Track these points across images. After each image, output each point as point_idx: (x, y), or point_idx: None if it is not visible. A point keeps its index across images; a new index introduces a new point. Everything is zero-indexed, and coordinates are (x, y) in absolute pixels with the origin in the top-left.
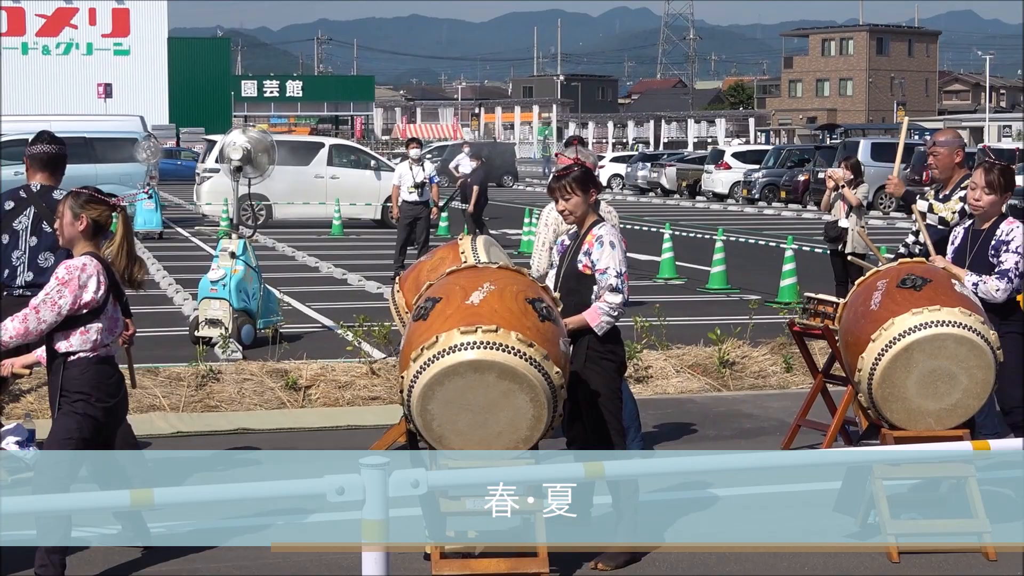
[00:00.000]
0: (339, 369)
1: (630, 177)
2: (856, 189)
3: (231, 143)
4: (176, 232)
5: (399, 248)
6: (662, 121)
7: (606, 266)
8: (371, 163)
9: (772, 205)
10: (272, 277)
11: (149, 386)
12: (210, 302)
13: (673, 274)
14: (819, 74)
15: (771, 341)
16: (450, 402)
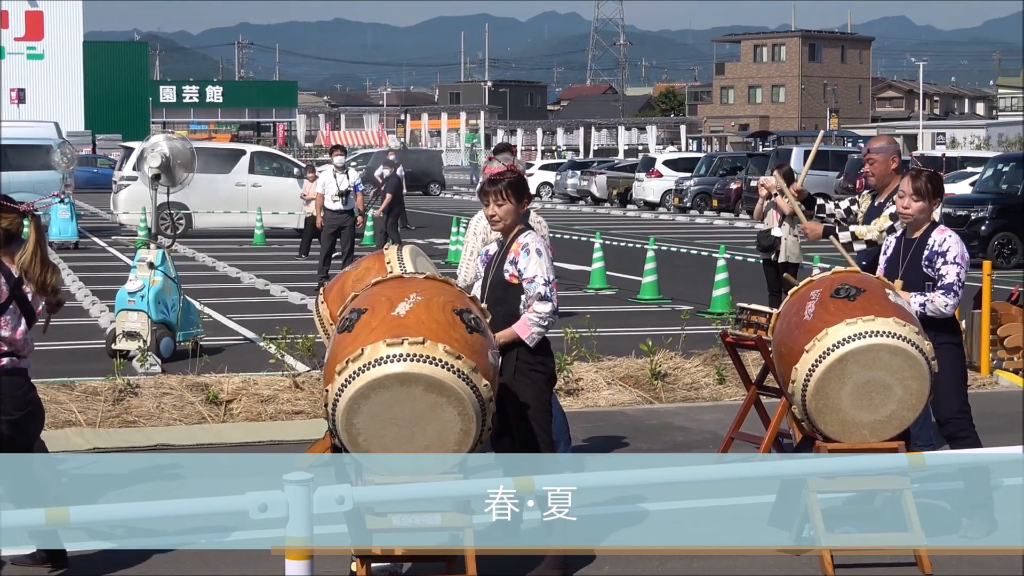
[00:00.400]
0: (261, 383)
1: (560, 185)
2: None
3: (149, 150)
4: (92, 242)
5: (323, 258)
6: (592, 128)
7: (533, 274)
8: (294, 171)
9: (704, 214)
10: (192, 288)
11: (64, 401)
12: (128, 314)
13: (604, 284)
14: (751, 81)
15: (704, 352)
16: (376, 416)
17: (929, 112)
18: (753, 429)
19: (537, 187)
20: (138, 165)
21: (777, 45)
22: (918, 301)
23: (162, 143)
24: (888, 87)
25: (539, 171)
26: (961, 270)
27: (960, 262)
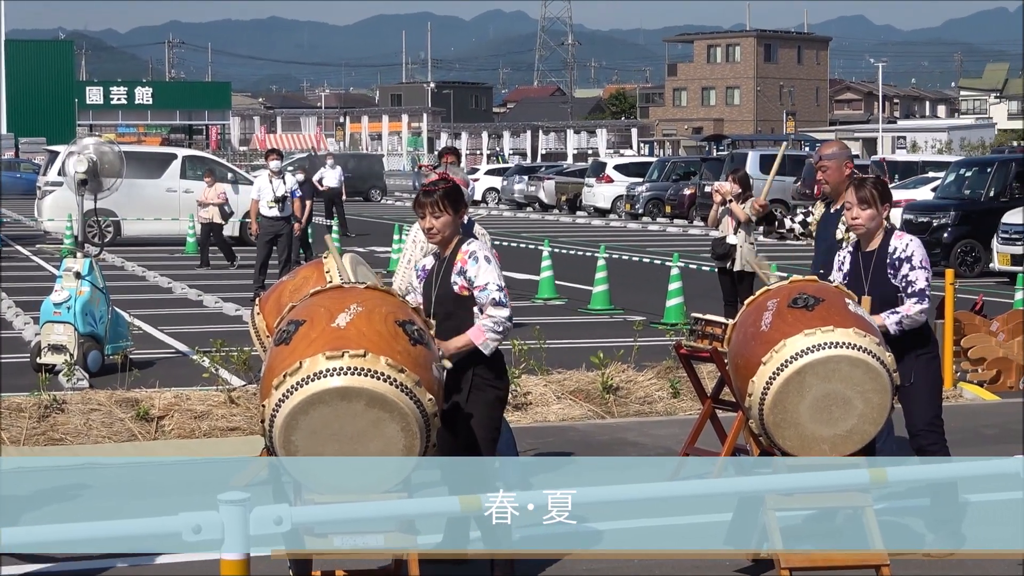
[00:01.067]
0: (195, 398)
1: (506, 191)
2: (744, 204)
3: (75, 154)
4: (15, 250)
5: (259, 267)
6: (540, 131)
7: (485, 281)
8: (228, 176)
9: (657, 220)
10: (121, 299)
11: None
12: (53, 326)
13: (553, 294)
14: (704, 82)
15: (657, 365)
16: (315, 432)
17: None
18: (709, 444)
19: (483, 193)
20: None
21: (731, 45)
22: (893, 321)
23: (89, 147)
24: (846, 89)
25: (485, 176)
26: (928, 273)
27: (926, 266)
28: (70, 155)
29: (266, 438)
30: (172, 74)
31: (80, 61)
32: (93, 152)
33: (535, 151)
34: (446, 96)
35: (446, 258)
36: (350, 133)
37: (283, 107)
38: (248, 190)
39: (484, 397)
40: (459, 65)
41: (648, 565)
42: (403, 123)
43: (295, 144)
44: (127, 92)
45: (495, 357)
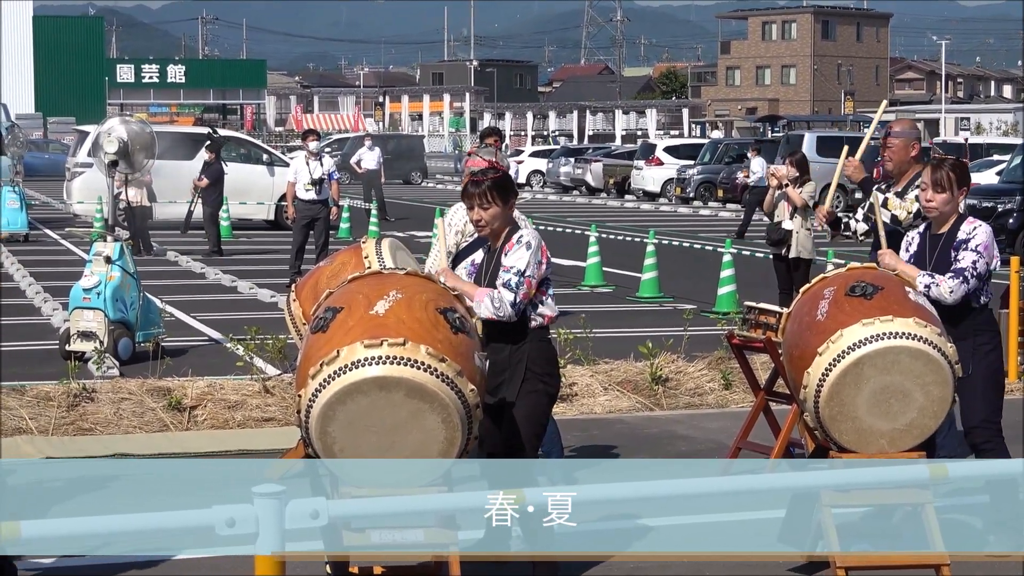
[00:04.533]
0: (228, 387)
1: (551, 174)
2: (802, 188)
3: (105, 134)
4: (44, 234)
5: (295, 252)
6: (587, 111)
7: (511, 264)
8: (263, 157)
9: (708, 205)
10: (152, 285)
11: (14, 407)
12: (83, 312)
13: (600, 281)
14: (759, 60)
15: (708, 355)
16: (353, 423)
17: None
18: (762, 438)
19: (527, 176)
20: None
21: (787, 22)
22: (923, 282)
23: (119, 127)
24: (908, 67)
25: (529, 158)
26: (980, 259)
27: (982, 251)
28: (100, 135)
29: (302, 429)
30: (206, 51)
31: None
32: (124, 132)
33: (582, 132)
34: (489, 75)
35: (496, 251)
36: (390, 113)
37: (320, 86)
38: (284, 172)
39: (535, 393)
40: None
41: (698, 566)
42: (445, 103)
43: (333, 124)
44: (159, 70)
45: (550, 352)
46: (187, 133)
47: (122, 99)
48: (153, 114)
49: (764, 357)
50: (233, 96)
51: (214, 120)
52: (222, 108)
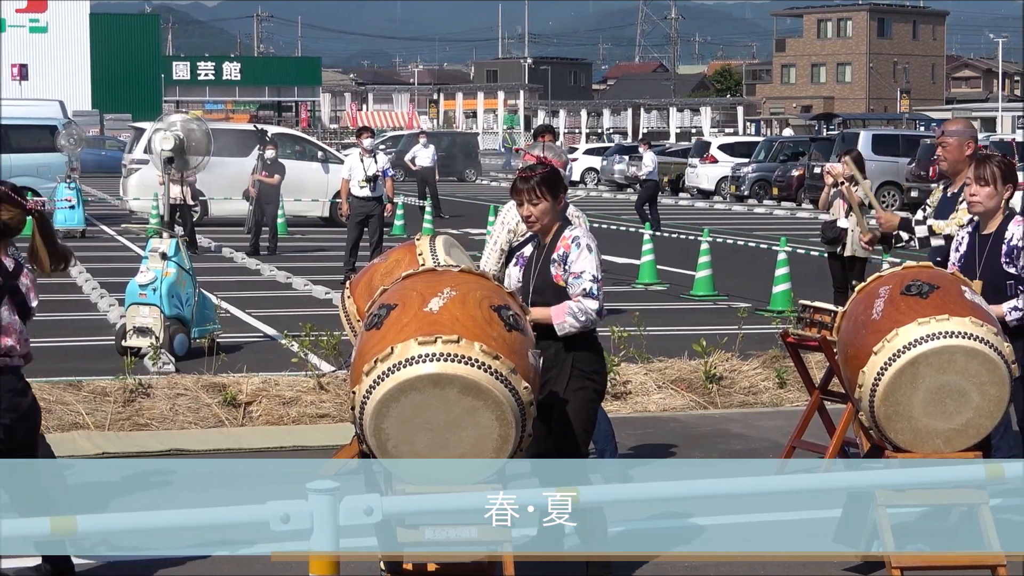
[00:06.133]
0: (283, 383)
1: (606, 171)
2: (857, 187)
3: (161, 131)
4: (100, 230)
5: (349, 249)
6: (641, 109)
7: (581, 269)
8: (318, 154)
9: (763, 203)
10: (208, 281)
11: (71, 402)
12: (139, 308)
13: (654, 279)
14: (814, 58)
15: (762, 353)
16: (407, 420)
17: (1009, 93)
18: (817, 437)
19: (581, 173)
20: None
21: (843, 20)
22: (1012, 305)
23: (175, 124)
24: (964, 65)
25: (583, 156)
26: None
27: None
28: (156, 132)
29: (356, 426)
30: (261, 49)
31: (166, 35)
32: (180, 129)
33: (636, 130)
34: (544, 72)
35: (546, 245)
36: (444, 111)
37: (375, 83)
38: (338, 169)
39: (582, 390)
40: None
41: (752, 565)
42: (499, 100)
43: (387, 122)
44: (214, 67)
45: (596, 350)
46: (242, 130)
47: (178, 96)
48: (208, 111)
49: (819, 356)
50: (288, 93)
51: (269, 117)
52: (277, 105)
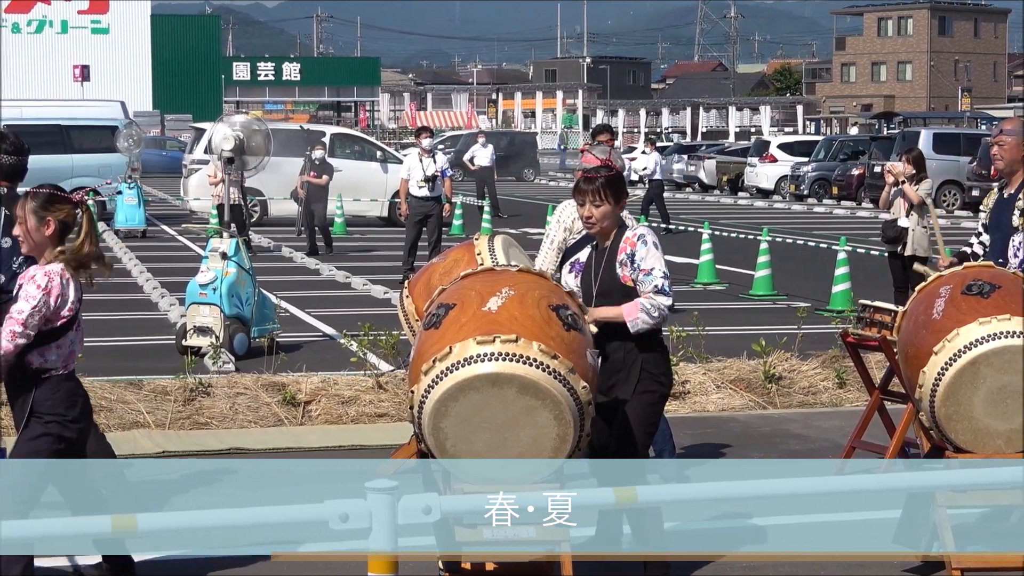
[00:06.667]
0: (342, 383)
1: (664, 170)
2: (918, 185)
3: (221, 132)
4: (161, 230)
5: (408, 249)
6: (700, 108)
7: (651, 266)
8: (377, 154)
9: (823, 202)
10: (267, 280)
11: (132, 401)
12: (199, 308)
13: (713, 278)
14: (875, 57)
15: (822, 353)
16: (465, 420)
17: None
18: (877, 437)
19: None
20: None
21: (903, 18)
22: None
23: (236, 124)
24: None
25: (642, 155)
26: None
27: None
28: (216, 132)
29: (415, 425)
30: (320, 49)
31: (227, 36)
32: (240, 130)
33: (695, 129)
34: (602, 72)
35: (606, 248)
36: (502, 110)
37: (434, 83)
38: (397, 169)
39: (649, 392)
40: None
41: (811, 565)
42: (558, 100)
43: (446, 122)
44: (274, 68)
45: (664, 352)
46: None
47: (238, 96)
48: (268, 111)
49: (879, 356)
50: (347, 94)
51: (328, 118)
52: (336, 106)
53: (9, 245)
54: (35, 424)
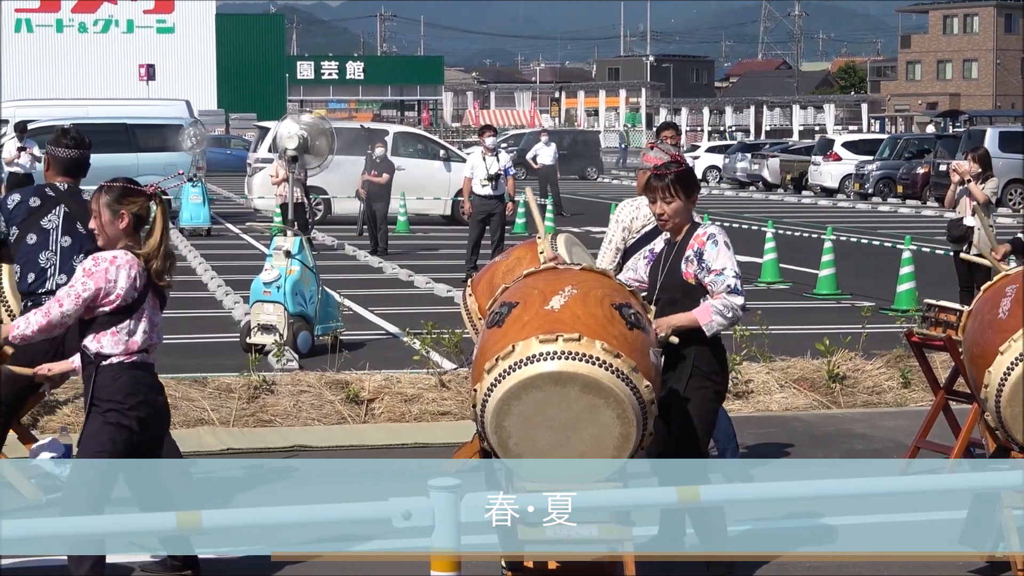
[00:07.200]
0: (405, 381)
1: (728, 169)
2: (984, 184)
3: (285, 130)
4: (225, 228)
5: (471, 247)
6: (764, 107)
7: (722, 266)
8: (440, 153)
9: (887, 201)
10: (331, 279)
11: (197, 398)
12: (263, 306)
13: (777, 277)
14: (940, 55)
15: (887, 353)
16: (528, 418)
17: None
18: (941, 438)
19: (703, 171)
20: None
21: (969, 15)
22: None
23: (300, 123)
24: None
25: (706, 154)
26: None
27: None
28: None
29: (478, 423)
30: (384, 48)
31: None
32: (304, 129)
33: (759, 127)
34: (666, 70)
35: (677, 243)
36: (565, 109)
37: (497, 82)
38: (460, 168)
39: (703, 389)
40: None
41: (875, 566)
42: (620, 98)
43: (509, 120)
44: (338, 67)
45: (718, 349)
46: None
47: (302, 95)
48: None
49: (944, 355)
50: (411, 92)
51: (392, 116)
52: (400, 104)
53: (68, 244)
54: (94, 415)
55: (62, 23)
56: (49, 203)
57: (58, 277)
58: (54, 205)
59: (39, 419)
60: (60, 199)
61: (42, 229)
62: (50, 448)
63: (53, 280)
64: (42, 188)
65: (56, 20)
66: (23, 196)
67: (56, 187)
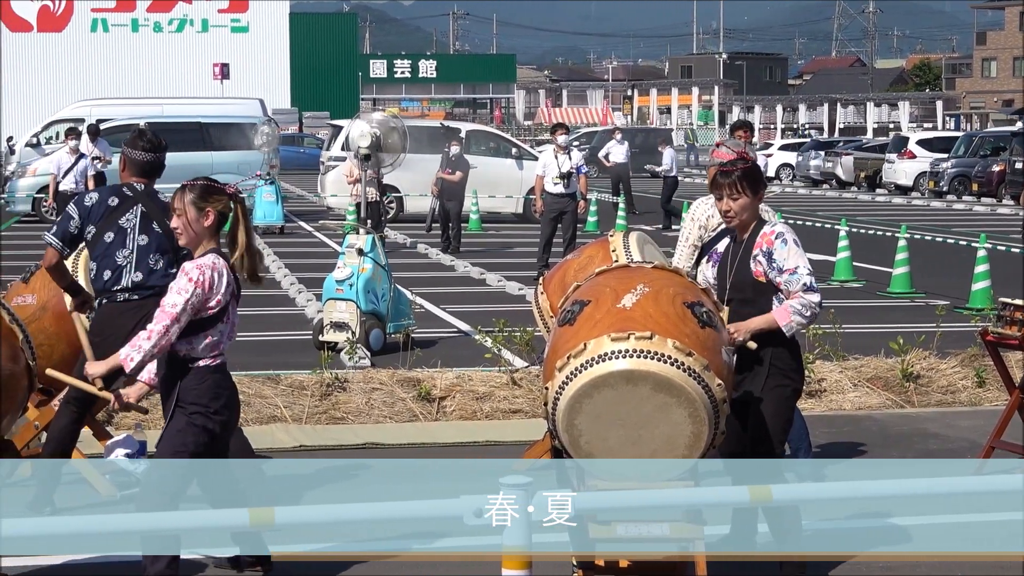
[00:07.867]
0: (477, 379)
1: (801, 167)
2: None
3: (359, 129)
4: (298, 226)
5: (543, 245)
6: (837, 104)
7: (795, 265)
8: (512, 151)
9: (962, 199)
10: (403, 277)
11: (269, 395)
12: (336, 304)
13: (850, 276)
14: (1016, 51)
15: (961, 352)
16: (599, 416)
17: None
18: (1017, 438)
19: (776, 169)
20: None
21: None
22: None
23: (373, 121)
24: None
25: (779, 152)
26: None
27: None
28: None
29: (549, 421)
30: (456, 47)
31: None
32: (377, 127)
33: (832, 125)
34: (739, 68)
35: (744, 241)
36: (638, 107)
37: (569, 80)
38: (532, 166)
39: (780, 387)
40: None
41: (949, 566)
42: (693, 96)
43: (581, 118)
44: (411, 65)
45: (794, 347)
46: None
47: (375, 94)
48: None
49: (1019, 354)
50: (483, 90)
51: (464, 114)
52: (472, 103)
53: (146, 243)
54: (179, 415)
55: (137, 23)
56: (127, 203)
57: (133, 275)
58: (132, 204)
59: (114, 415)
60: (138, 199)
61: (120, 228)
62: (124, 444)
63: (128, 277)
64: (120, 188)
65: (132, 20)
66: (101, 195)
67: (134, 187)
